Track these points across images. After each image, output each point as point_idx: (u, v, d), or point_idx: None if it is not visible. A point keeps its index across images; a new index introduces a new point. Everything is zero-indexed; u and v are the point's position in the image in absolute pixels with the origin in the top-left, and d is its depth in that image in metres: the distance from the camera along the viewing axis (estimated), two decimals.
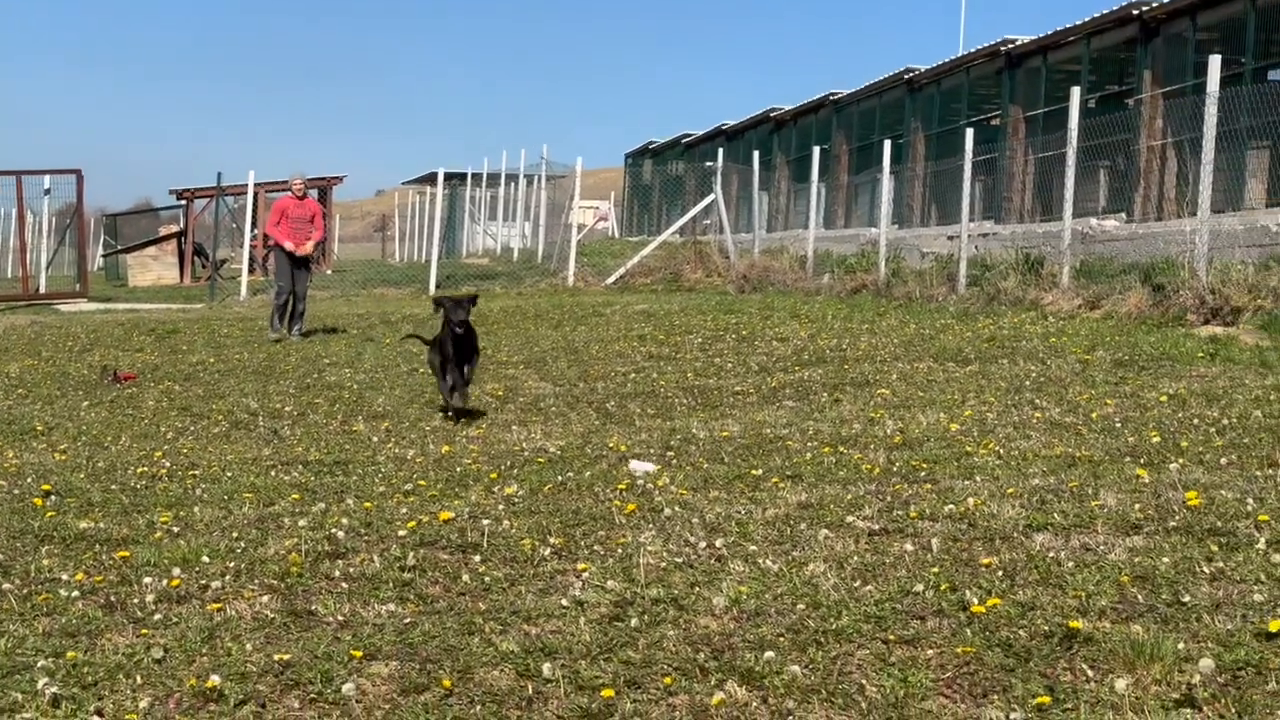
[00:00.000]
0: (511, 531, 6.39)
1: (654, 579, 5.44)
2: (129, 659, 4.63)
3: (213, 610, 5.20)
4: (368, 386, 13.62)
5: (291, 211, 19.75)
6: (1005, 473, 7.56)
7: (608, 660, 4.53)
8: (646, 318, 20.08)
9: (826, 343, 15.43)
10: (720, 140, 44.86)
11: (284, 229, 19.71)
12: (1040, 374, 11.90)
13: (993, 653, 4.46)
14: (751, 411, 10.88)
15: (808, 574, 5.42)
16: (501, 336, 18.21)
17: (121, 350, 18.18)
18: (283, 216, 19.77)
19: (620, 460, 8.55)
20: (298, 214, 19.75)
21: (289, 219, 19.72)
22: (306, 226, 19.81)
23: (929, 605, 4.96)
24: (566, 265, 31.23)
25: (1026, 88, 28.69)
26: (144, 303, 31.17)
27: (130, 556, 6.08)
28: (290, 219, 19.70)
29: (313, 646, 4.72)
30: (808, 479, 7.65)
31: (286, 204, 19.99)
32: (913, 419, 9.86)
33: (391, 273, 36.18)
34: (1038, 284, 18.40)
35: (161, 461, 9.24)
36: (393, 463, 8.97)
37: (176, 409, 12.37)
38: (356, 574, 5.70)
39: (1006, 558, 5.52)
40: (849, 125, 37.57)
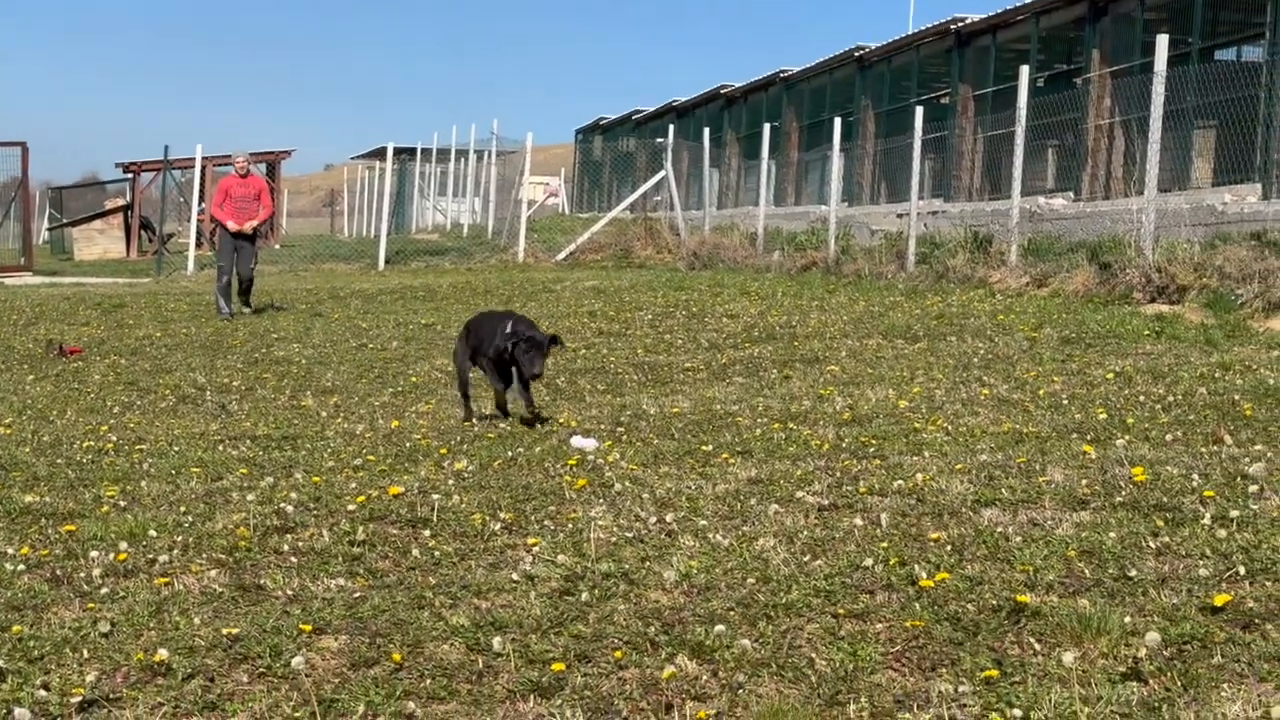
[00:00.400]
0: (461, 506, 6.37)
1: (604, 554, 5.44)
2: (75, 633, 4.60)
3: (160, 584, 5.17)
4: (316, 361, 13.56)
5: (234, 191, 19.46)
6: (954, 449, 7.60)
7: (558, 634, 4.53)
8: (597, 294, 20.06)
9: (776, 320, 15.46)
10: (671, 117, 44.84)
11: (228, 209, 19.37)
12: (988, 351, 11.97)
13: (941, 626, 4.48)
14: (702, 388, 10.90)
15: (758, 549, 5.43)
16: (451, 312, 18.15)
17: (67, 324, 18.02)
18: (226, 197, 19.48)
19: (570, 436, 8.55)
20: (241, 193, 19.44)
21: (232, 199, 19.41)
22: (251, 205, 19.46)
23: (878, 580, 4.98)
24: (517, 241, 31.15)
25: (976, 66, 28.78)
26: (90, 277, 30.90)
27: (77, 530, 6.04)
28: (233, 199, 19.39)
29: (261, 620, 4.70)
30: (758, 455, 7.67)
31: (229, 183, 19.75)
32: (862, 396, 9.89)
33: (340, 248, 36.02)
34: (986, 262, 18.47)
35: (108, 436, 9.18)
36: (342, 438, 8.94)
37: (123, 383, 12.29)
38: (305, 548, 5.68)
39: (955, 533, 5.55)
40: (799, 103, 37.59)
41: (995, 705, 3.88)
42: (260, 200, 19.62)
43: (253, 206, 19.49)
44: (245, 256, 19.36)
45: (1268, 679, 3.98)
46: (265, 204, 19.81)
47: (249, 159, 20.58)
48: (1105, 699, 3.87)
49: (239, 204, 19.37)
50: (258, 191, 19.67)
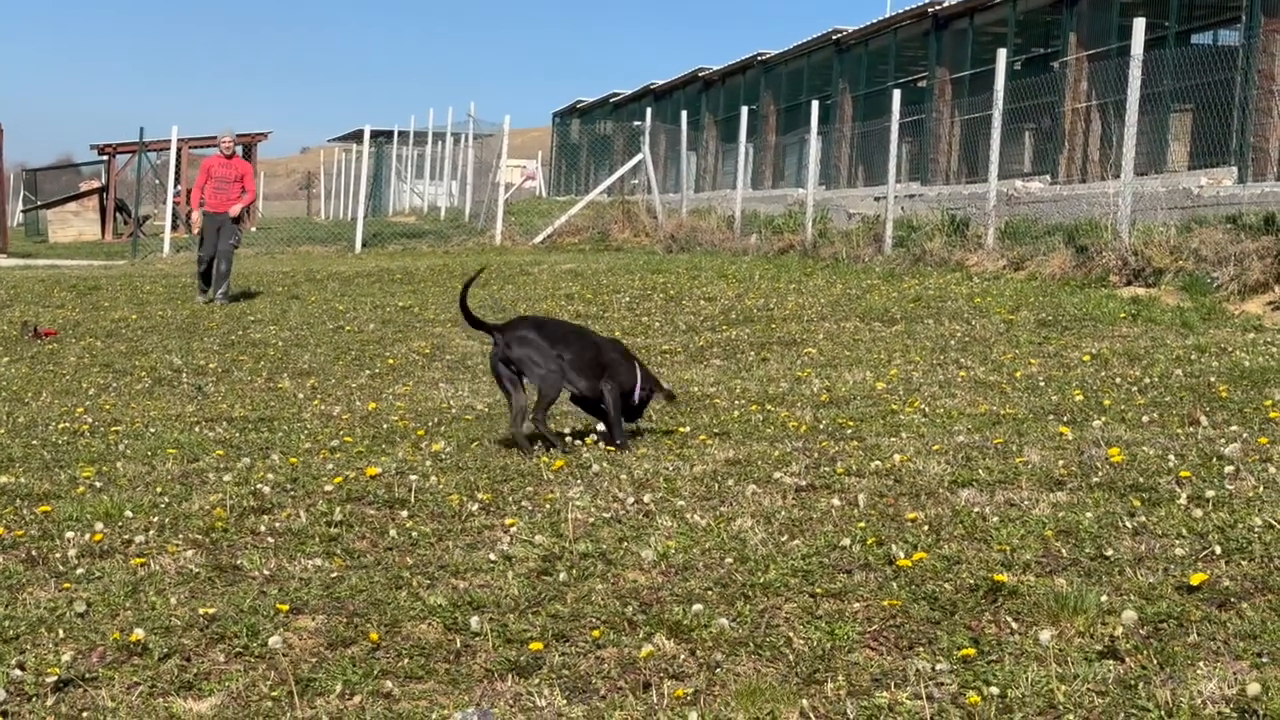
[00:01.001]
0: (439, 487, 6.36)
1: (582, 534, 5.44)
2: (51, 613, 4.58)
3: (136, 565, 5.15)
4: (293, 344, 13.53)
5: (215, 171, 18.95)
6: (931, 430, 7.61)
7: (536, 614, 4.52)
8: (574, 277, 20.04)
9: (754, 302, 15.46)
10: (649, 100, 44.75)
11: (208, 190, 18.88)
12: (965, 334, 11.99)
13: (919, 606, 4.49)
14: (679, 370, 10.90)
15: (735, 529, 5.43)
16: (429, 295, 18.12)
17: (42, 306, 17.95)
18: (207, 177, 18.99)
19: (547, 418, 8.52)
20: (221, 174, 18.91)
21: (213, 179, 18.92)
22: (231, 187, 18.90)
23: (856, 559, 4.99)
24: (494, 224, 31.10)
25: (953, 50, 28.79)
26: (65, 259, 30.76)
27: (52, 511, 6.01)
28: (214, 179, 18.90)
29: (238, 600, 4.69)
30: (735, 436, 7.67)
31: (211, 163, 19.16)
32: (839, 378, 9.91)
33: (317, 230, 35.92)
34: (963, 245, 18.49)
35: (83, 417, 9.15)
36: (319, 419, 8.92)
37: (99, 365, 12.25)
38: (282, 529, 5.66)
39: (932, 513, 5.56)
40: (777, 86, 37.57)
41: (972, 684, 3.88)
42: (243, 183, 19.10)
43: (233, 189, 18.94)
44: (227, 233, 18.72)
45: (1243, 657, 4.00)
46: (249, 188, 19.30)
47: (235, 140, 19.97)
48: (1082, 677, 3.89)
49: (218, 184, 18.86)
50: (240, 174, 19.13)
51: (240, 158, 19.73)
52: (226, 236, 18.68)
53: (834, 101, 32.75)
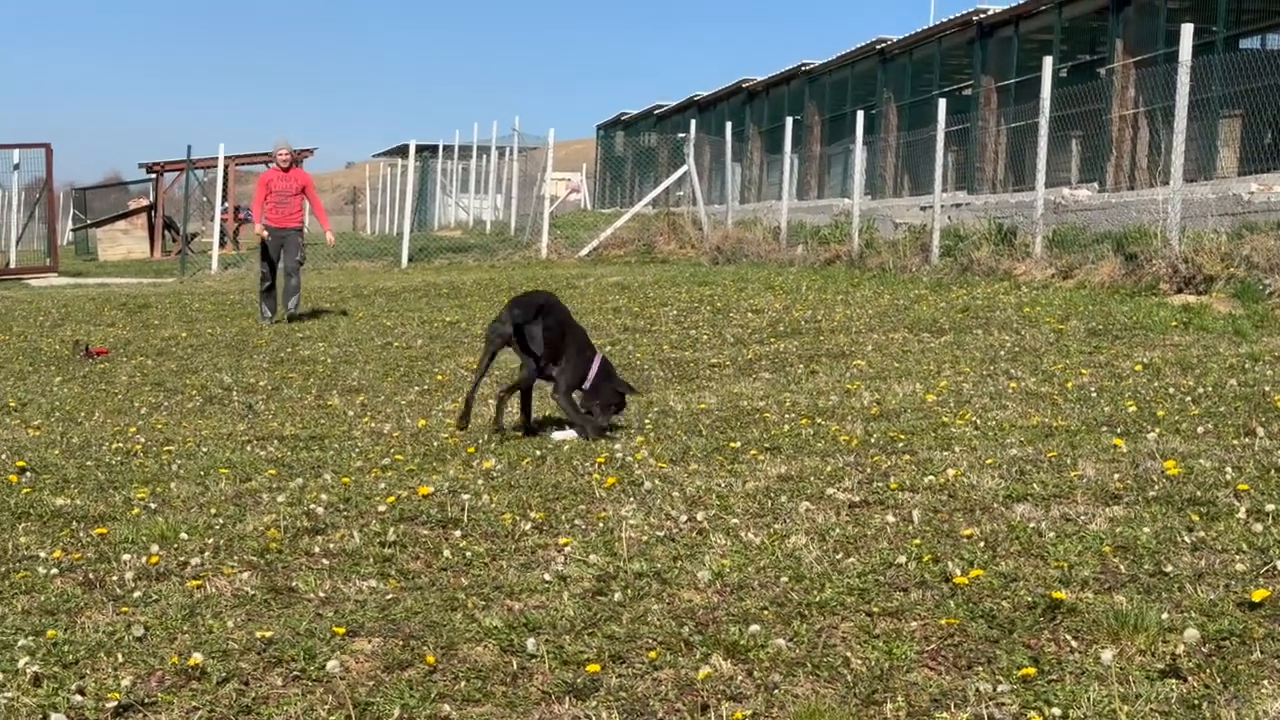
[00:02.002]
0: (491, 506, 6.36)
1: (636, 553, 5.43)
2: (110, 637, 4.59)
3: (193, 587, 5.17)
4: (342, 360, 13.57)
5: (275, 185, 18.12)
6: (983, 443, 7.57)
7: (592, 635, 4.51)
8: (621, 290, 20.04)
9: (801, 314, 15.43)
10: (693, 111, 44.76)
11: (269, 206, 18.08)
12: (1015, 344, 11.93)
13: (976, 624, 4.46)
14: (728, 384, 10.88)
15: (790, 546, 5.41)
16: (476, 310, 18.14)
17: (93, 325, 18.08)
18: (267, 192, 18.15)
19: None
20: (282, 188, 18.10)
21: (273, 194, 18.11)
22: (293, 200, 18.17)
23: (912, 577, 4.96)
24: (540, 237, 31.16)
25: (998, 57, 28.68)
26: (114, 277, 31.00)
27: (108, 533, 6.04)
28: (275, 194, 18.10)
29: (294, 623, 4.69)
30: (786, 451, 7.64)
31: (270, 177, 18.35)
32: (889, 390, 9.87)
33: (363, 246, 36.06)
34: (1011, 254, 18.42)
35: (136, 437, 9.19)
36: (369, 437, 8.94)
37: (150, 384, 12.32)
38: (336, 550, 5.67)
39: (987, 529, 5.52)
40: (821, 96, 37.53)
41: (1033, 704, 3.85)
42: (305, 194, 18.36)
43: (295, 202, 18.23)
44: (291, 249, 18.07)
45: None
46: (313, 200, 18.58)
47: (292, 151, 18.86)
48: (1144, 696, 3.85)
49: (280, 199, 18.11)
50: (301, 186, 18.32)
51: (299, 168, 18.92)
52: (291, 253, 18.09)
53: (879, 111, 32.69)
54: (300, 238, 18.35)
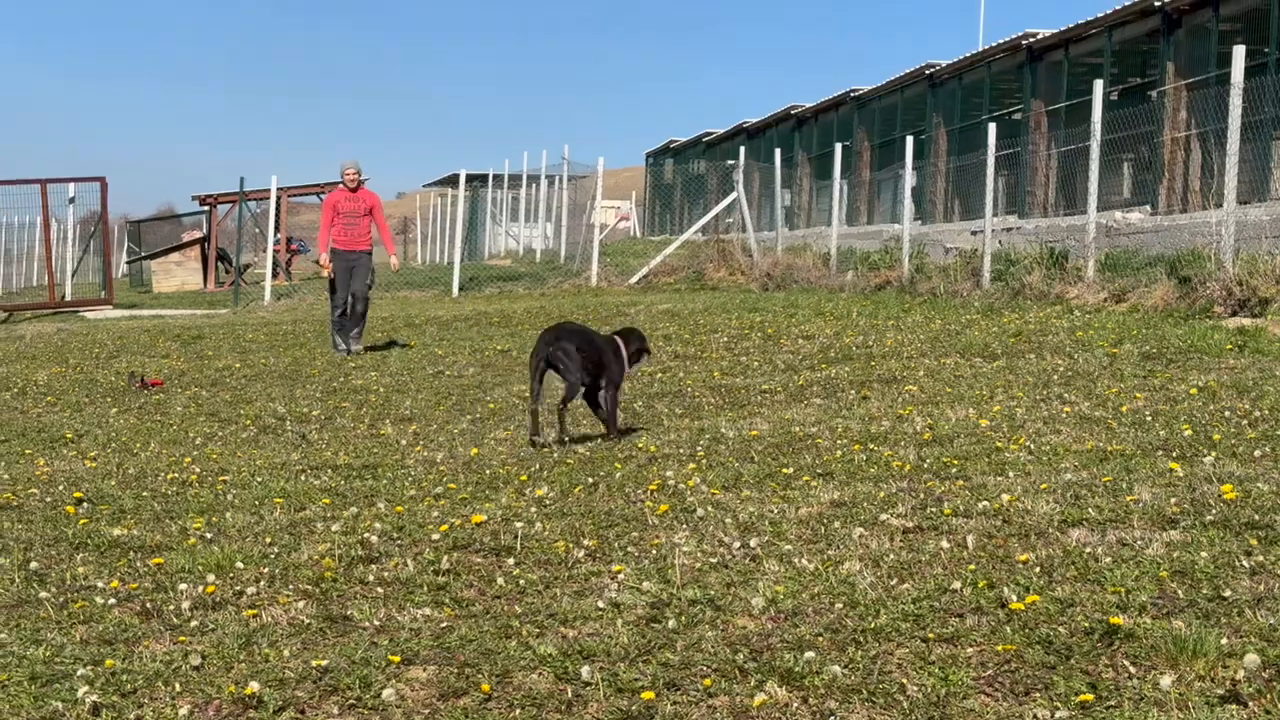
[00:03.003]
0: (544, 534, 6.37)
1: (690, 580, 5.42)
2: (167, 666, 4.62)
3: (249, 616, 5.20)
4: (394, 390, 13.63)
5: (343, 206, 17.60)
6: (1037, 468, 7.52)
7: (646, 662, 4.51)
8: (671, 317, 20.06)
9: (852, 340, 15.40)
10: (741, 138, 44.84)
11: (337, 229, 17.57)
12: (1068, 368, 11.86)
13: (1033, 650, 4.43)
14: (780, 410, 10.86)
15: (844, 572, 5.39)
16: (527, 338, 18.17)
17: (148, 356, 18.22)
18: (334, 214, 17.63)
19: (650, 461, 8.53)
20: (350, 209, 17.61)
21: (341, 216, 17.57)
22: (361, 221, 17.67)
23: (967, 603, 4.93)
24: (589, 265, 31.23)
25: (1048, 81, 28.62)
26: (169, 309, 31.25)
27: (164, 563, 6.08)
28: (342, 215, 17.60)
29: (350, 652, 4.71)
30: (839, 477, 7.62)
31: (337, 199, 17.73)
32: (942, 415, 9.83)
33: (414, 275, 36.21)
34: (1062, 278, 18.34)
35: (191, 467, 9.25)
36: (422, 465, 8.96)
37: (204, 414, 12.40)
38: (391, 578, 5.69)
39: (1043, 554, 5.49)
40: (870, 121, 37.52)
41: None
42: (373, 216, 17.83)
43: (363, 223, 17.76)
44: (361, 273, 17.65)
45: None
46: (380, 222, 18.02)
47: (359, 171, 18.10)
48: None
49: (348, 221, 17.65)
50: (369, 207, 17.85)
51: (366, 188, 18.13)
52: (361, 277, 17.68)
53: (928, 136, 32.65)
54: (370, 260, 17.95)
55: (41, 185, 33.19)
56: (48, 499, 8.06)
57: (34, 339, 22.24)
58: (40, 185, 33.19)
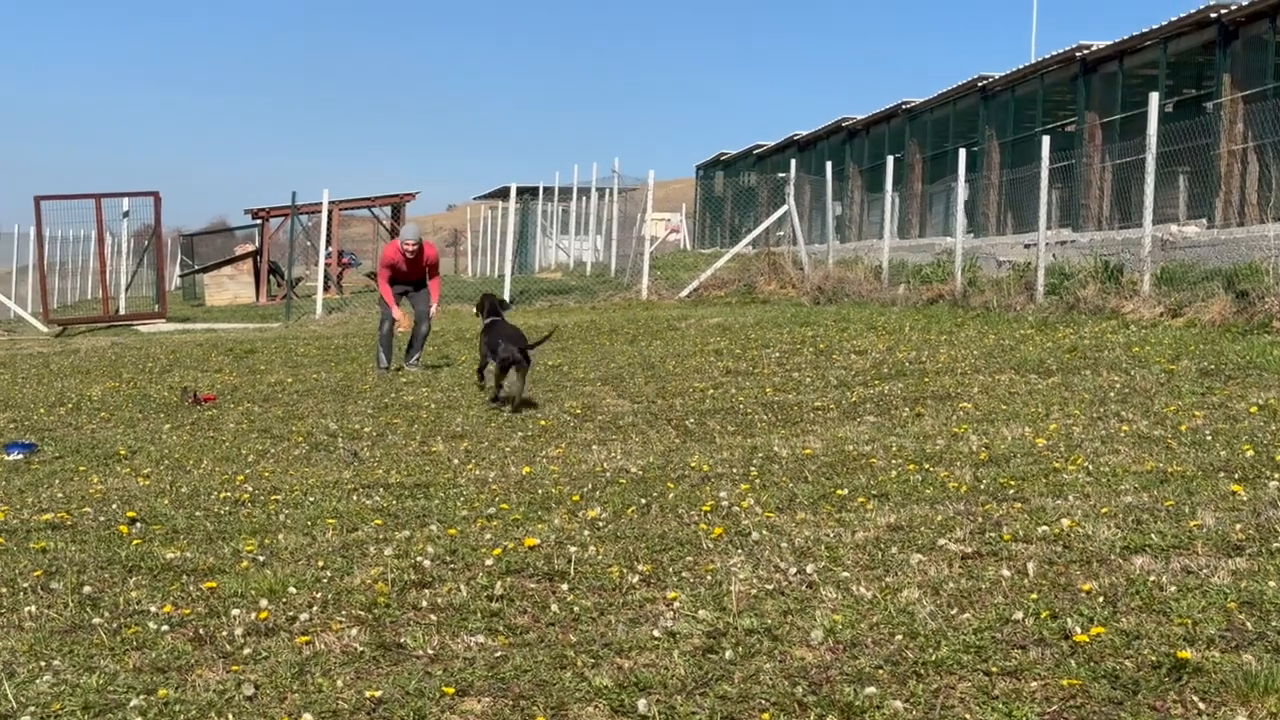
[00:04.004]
0: (598, 558, 6.31)
1: (746, 608, 5.35)
2: (220, 696, 4.59)
3: (301, 643, 5.16)
4: (445, 406, 13.60)
5: (402, 266, 17.36)
6: (1096, 490, 7.41)
7: (703, 695, 4.44)
8: (722, 331, 19.98)
9: (905, 355, 15.28)
10: (792, 151, 44.74)
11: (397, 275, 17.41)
12: (1125, 385, 11.72)
13: (1099, 685, 4.34)
14: (833, 427, 10.77)
15: (903, 601, 5.31)
16: (578, 352, 18.16)
17: (200, 371, 18.28)
18: (393, 271, 17.45)
19: (703, 481, 8.47)
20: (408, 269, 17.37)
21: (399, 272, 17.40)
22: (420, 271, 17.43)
23: (1030, 634, 4.84)
24: (640, 278, 31.19)
25: (1102, 93, 28.40)
26: (221, 322, 31.41)
27: (217, 587, 6.05)
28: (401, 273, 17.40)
29: (404, 682, 4.66)
30: (894, 498, 7.53)
31: (396, 258, 17.45)
32: (997, 434, 9.72)
33: (465, 288, 36.25)
34: (1118, 292, 18.17)
35: (244, 486, 9.24)
36: (474, 485, 8.92)
37: (257, 431, 12.40)
38: (444, 604, 5.64)
39: (1106, 582, 5.39)
40: (922, 134, 37.36)
41: None
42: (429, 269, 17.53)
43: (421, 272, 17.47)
44: (423, 297, 17.54)
45: None
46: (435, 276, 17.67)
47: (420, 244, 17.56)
48: None
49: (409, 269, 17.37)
50: (427, 262, 17.46)
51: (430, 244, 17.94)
52: (426, 299, 17.55)
53: (981, 148, 32.47)
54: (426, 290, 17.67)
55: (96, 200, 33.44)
56: (101, 518, 8.06)
57: (88, 353, 22.37)
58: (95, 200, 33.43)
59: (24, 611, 5.77)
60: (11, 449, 11.31)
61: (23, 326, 32.89)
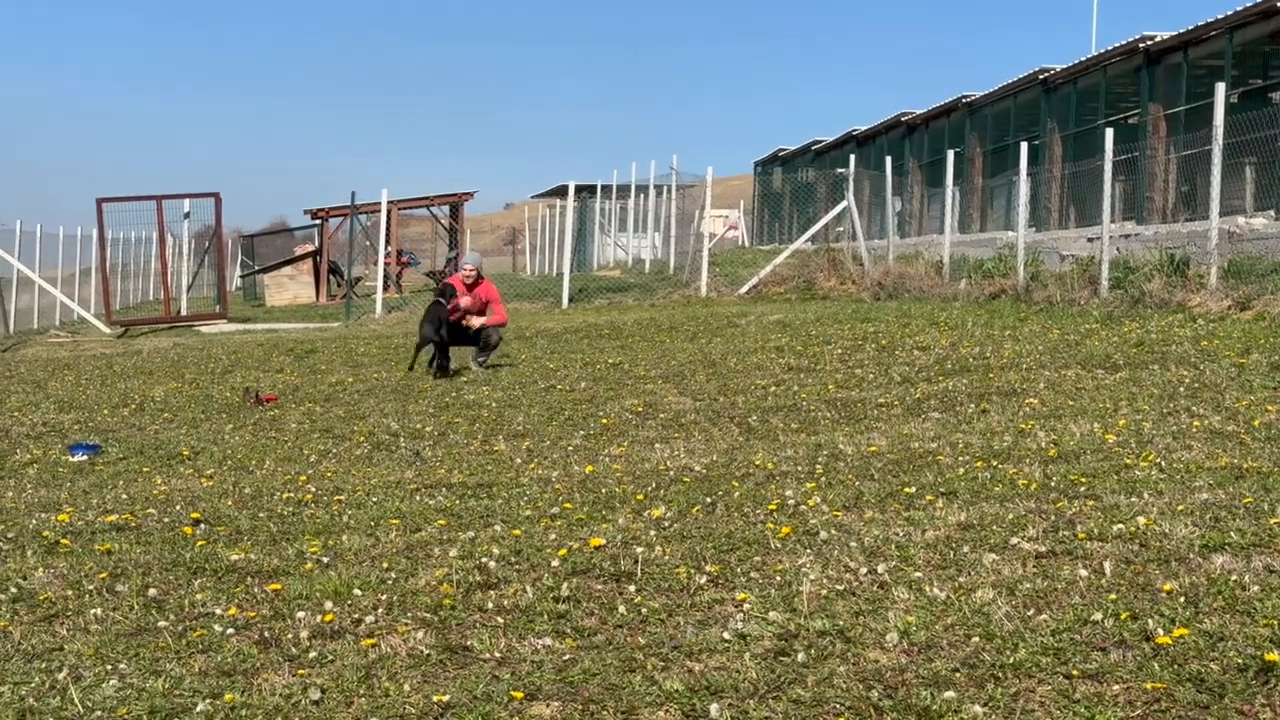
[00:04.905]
0: (665, 558, 6.23)
1: (817, 609, 5.26)
2: (287, 700, 4.54)
3: (367, 646, 5.10)
4: (506, 405, 13.55)
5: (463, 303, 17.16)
6: (1170, 487, 7.28)
7: (776, 699, 4.36)
8: (782, 328, 19.86)
9: (968, 351, 15.13)
10: (851, 146, 44.53)
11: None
12: (1194, 379, 11.55)
13: (1184, 688, 4.23)
14: (897, 424, 10.65)
15: (977, 601, 5.20)
16: (638, 350, 18.09)
17: (262, 371, 18.32)
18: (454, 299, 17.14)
19: (767, 479, 8.37)
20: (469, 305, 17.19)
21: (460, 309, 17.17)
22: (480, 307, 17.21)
23: (1110, 636, 4.73)
24: (699, 276, 31.09)
25: (1166, 85, 28.08)
26: (281, 322, 31.53)
27: (282, 589, 6.01)
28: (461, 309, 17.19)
29: (471, 686, 4.60)
30: (963, 496, 7.42)
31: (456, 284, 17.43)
32: (1065, 430, 9.58)
33: (524, 287, 36.28)
34: (1184, 285, 17.94)
35: (306, 486, 9.22)
36: (537, 484, 8.86)
37: (318, 431, 12.39)
38: (510, 606, 5.58)
39: (1186, 582, 5.27)
40: (983, 127, 37.09)
41: None
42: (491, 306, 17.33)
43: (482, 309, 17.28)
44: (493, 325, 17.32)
45: None
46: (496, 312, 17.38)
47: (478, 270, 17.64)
48: None
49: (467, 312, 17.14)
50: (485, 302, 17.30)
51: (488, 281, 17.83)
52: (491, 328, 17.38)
53: (1042, 142, 32.18)
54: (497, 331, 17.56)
55: (157, 201, 33.64)
56: (165, 519, 8.04)
57: (150, 354, 22.48)
58: (156, 201, 33.64)
59: (89, 614, 5.74)
60: (76, 450, 11.34)
61: (86, 328, 33.14)
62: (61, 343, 28.36)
